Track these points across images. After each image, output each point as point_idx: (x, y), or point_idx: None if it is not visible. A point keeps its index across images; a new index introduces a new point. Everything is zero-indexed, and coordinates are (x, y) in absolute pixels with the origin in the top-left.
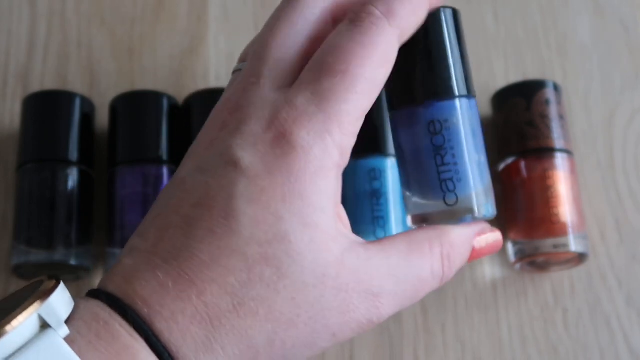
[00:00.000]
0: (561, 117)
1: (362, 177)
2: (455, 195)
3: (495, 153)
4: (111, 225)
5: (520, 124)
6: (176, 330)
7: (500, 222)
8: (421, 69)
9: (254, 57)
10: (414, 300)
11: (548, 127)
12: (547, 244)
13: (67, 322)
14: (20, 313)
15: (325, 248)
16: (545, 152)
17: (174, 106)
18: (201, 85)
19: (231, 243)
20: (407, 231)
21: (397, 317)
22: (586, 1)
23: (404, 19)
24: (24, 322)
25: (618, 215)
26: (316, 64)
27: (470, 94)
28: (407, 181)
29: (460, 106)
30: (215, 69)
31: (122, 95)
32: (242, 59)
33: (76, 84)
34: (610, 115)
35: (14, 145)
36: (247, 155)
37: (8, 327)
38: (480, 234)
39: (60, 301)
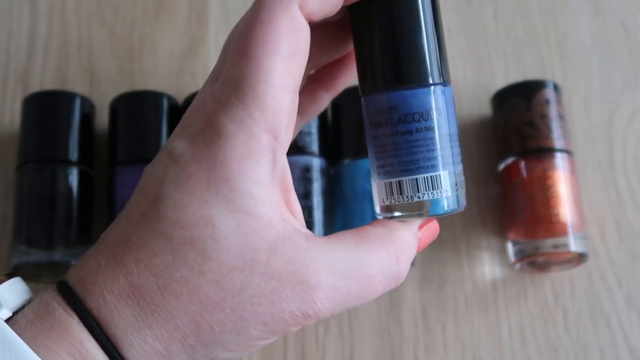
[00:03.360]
0: (561, 117)
1: (362, 177)
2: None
3: (495, 153)
4: None
5: (520, 124)
6: (105, 308)
7: (500, 222)
8: (388, 54)
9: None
10: (362, 299)
11: (548, 127)
12: (547, 244)
13: (18, 311)
14: None
15: (254, 233)
16: (545, 152)
17: (174, 106)
18: (201, 85)
19: (158, 226)
20: (358, 227)
21: (397, 317)
22: (586, 1)
23: None
24: None
25: (618, 215)
26: (229, 54)
27: (443, 79)
28: (374, 169)
29: (434, 95)
30: None
31: (122, 95)
32: None
33: (76, 84)
34: (610, 115)
35: (14, 145)
36: (181, 144)
37: None
38: (422, 225)
39: (7, 292)
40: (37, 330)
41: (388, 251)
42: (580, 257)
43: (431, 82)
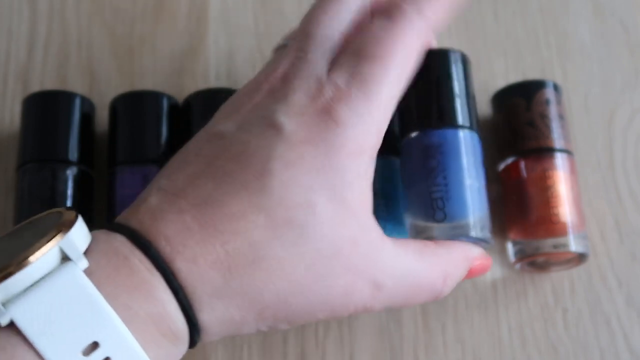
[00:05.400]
0: (561, 117)
1: (379, 178)
2: (444, 213)
3: (495, 153)
4: None
5: (520, 124)
6: (195, 272)
7: (500, 222)
8: (428, 99)
9: (302, 34)
10: (405, 305)
11: (548, 127)
12: (547, 244)
13: (86, 254)
14: (42, 245)
15: (343, 224)
16: (545, 152)
17: (174, 106)
18: (201, 85)
19: (261, 201)
20: (421, 240)
21: (397, 317)
22: (586, 1)
23: (432, 19)
24: (46, 254)
25: (618, 215)
26: (356, 49)
27: (472, 127)
28: (408, 207)
29: (462, 135)
30: (215, 69)
31: (122, 95)
32: (288, 36)
33: (76, 84)
34: (610, 115)
35: (14, 145)
36: (291, 122)
37: (31, 258)
38: (477, 259)
39: (80, 234)
40: (118, 288)
41: (440, 271)
42: (581, 257)
43: (453, 124)
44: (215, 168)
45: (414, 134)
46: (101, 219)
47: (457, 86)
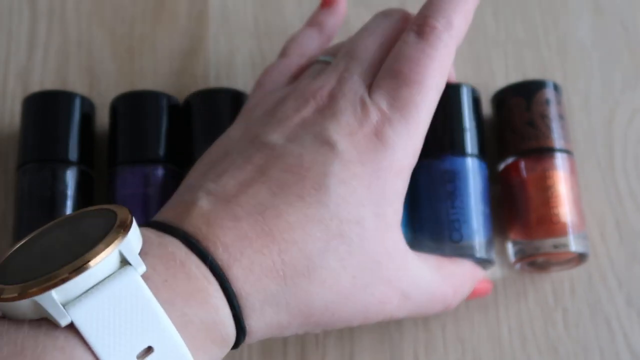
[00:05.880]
0: (561, 117)
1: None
2: (461, 234)
3: (495, 153)
4: None
5: (520, 124)
6: (251, 279)
7: (501, 222)
8: (442, 129)
9: (347, 55)
10: (420, 314)
11: (548, 127)
12: (547, 244)
13: (141, 256)
14: (103, 249)
15: (384, 238)
16: (545, 152)
17: (174, 106)
18: (201, 85)
19: (318, 214)
20: (437, 255)
21: None
22: (586, 1)
23: (459, 29)
24: (106, 258)
25: (618, 215)
26: (392, 71)
27: (480, 156)
28: (420, 225)
29: (471, 163)
30: (215, 69)
31: (122, 95)
32: (327, 53)
33: (76, 84)
34: (610, 115)
35: (14, 145)
36: (343, 141)
37: (92, 262)
38: (482, 281)
39: (135, 236)
40: (174, 295)
41: (452, 284)
42: (581, 257)
43: (469, 153)
44: (269, 177)
45: (429, 159)
46: None
47: (470, 118)
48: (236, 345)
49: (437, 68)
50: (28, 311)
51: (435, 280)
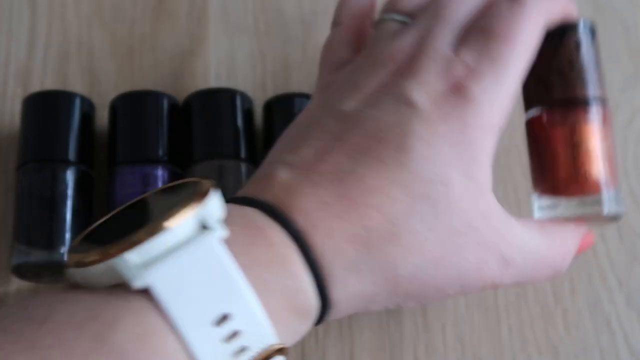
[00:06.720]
0: (594, 62)
1: None
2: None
3: (520, 104)
4: None
5: (546, 72)
6: (331, 246)
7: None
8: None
9: (428, 16)
10: (531, 281)
11: (577, 75)
12: (575, 204)
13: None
14: (179, 211)
15: (474, 200)
16: (572, 103)
17: (174, 106)
18: (201, 85)
19: (399, 176)
20: (539, 220)
21: (397, 317)
22: (586, 1)
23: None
24: (185, 221)
25: None
26: (483, 29)
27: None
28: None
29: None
30: (215, 69)
31: (122, 95)
32: (397, 11)
33: (76, 84)
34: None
35: (14, 145)
36: (424, 99)
37: (170, 223)
38: (586, 236)
39: (217, 203)
40: (254, 261)
41: (560, 247)
42: (615, 218)
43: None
44: (347, 143)
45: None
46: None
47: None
48: (320, 320)
49: (527, 28)
50: (105, 277)
51: (542, 243)
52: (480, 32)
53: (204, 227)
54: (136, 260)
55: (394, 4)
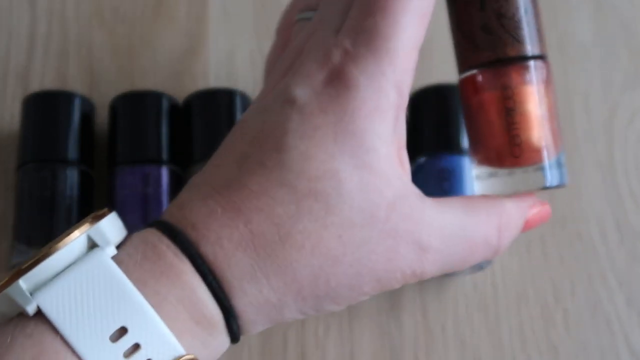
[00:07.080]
0: (527, 12)
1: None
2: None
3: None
4: None
5: (472, 28)
6: (221, 255)
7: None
8: (437, 127)
9: (321, 5)
10: (462, 265)
11: (508, 31)
12: (516, 175)
13: (118, 247)
14: (70, 232)
15: (375, 190)
16: (505, 63)
17: (174, 106)
18: (201, 85)
19: (281, 176)
20: (465, 196)
21: (397, 317)
22: (586, 1)
23: None
24: (73, 241)
25: (618, 215)
26: (358, 5)
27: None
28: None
29: (467, 161)
30: (215, 69)
31: (122, 95)
32: (304, 8)
33: (76, 84)
34: (610, 115)
35: (14, 145)
36: (304, 94)
37: (60, 244)
38: (532, 207)
39: (110, 227)
40: (145, 273)
41: (492, 222)
42: (558, 187)
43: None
44: (237, 153)
45: (424, 158)
46: None
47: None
48: (233, 334)
49: None
50: (5, 307)
51: (467, 222)
52: (356, 9)
53: (94, 246)
54: (28, 286)
55: (303, 1)
